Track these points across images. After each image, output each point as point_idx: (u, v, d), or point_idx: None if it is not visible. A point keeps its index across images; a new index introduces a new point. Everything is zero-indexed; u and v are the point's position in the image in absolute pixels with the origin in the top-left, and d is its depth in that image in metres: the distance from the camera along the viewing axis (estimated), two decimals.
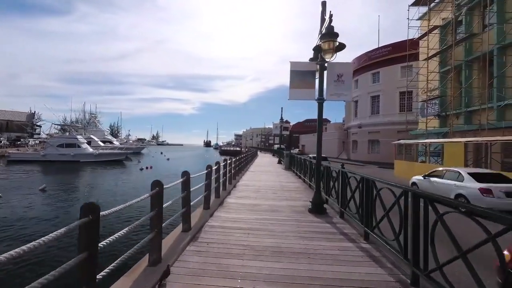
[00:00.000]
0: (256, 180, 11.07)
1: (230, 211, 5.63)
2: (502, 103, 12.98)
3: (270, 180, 11.14)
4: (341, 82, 5.78)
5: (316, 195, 5.65)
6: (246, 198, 7.10)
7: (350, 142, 37.96)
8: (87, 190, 15.01)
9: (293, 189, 8.92)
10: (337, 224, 4.83)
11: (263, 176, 12.40)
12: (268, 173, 14.17)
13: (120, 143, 52.12)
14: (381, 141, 31.60)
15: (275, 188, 8.98)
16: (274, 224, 4.74)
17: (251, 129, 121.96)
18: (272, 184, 9.92)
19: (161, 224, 3.01)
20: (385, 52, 31.89)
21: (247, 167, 16.65)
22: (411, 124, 28.84)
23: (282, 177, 12.55)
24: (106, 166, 28.94)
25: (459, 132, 16.10)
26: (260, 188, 8.73)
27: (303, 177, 10.87)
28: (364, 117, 34.50)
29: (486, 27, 15.21)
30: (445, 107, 17.68)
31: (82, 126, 50.27)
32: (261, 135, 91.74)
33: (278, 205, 6.31)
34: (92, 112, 64.79)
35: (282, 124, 21.08)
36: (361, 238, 4.06)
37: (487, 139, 11.65)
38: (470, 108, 15.38)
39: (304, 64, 5.94)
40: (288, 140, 64.57)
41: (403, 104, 30.24)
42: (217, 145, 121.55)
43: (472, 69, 15.74)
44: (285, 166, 17.19)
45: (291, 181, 10.95)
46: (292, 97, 5.94)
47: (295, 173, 13.48)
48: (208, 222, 4.73)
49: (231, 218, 5.02)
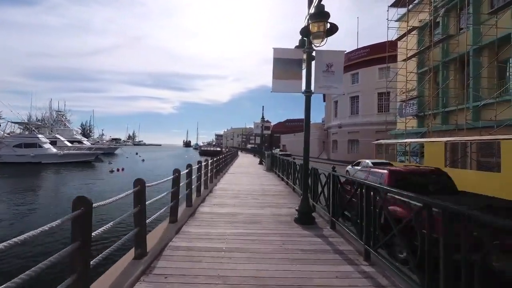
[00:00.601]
0: (236, 183, 10.18)
1: (202, 224, 4.70)
2: (479, 103, 13.17)
3: (251, 183, 10.31)
4: (330, 73, 5.07)
5: (304, 203, 4.88)
6: (223, 205, 6.19)
7: (330, 142, 38.22)
8: (33, 198, 13.15)
9: (276, 193, 8.15)
10: (330, 238, 4.08)
11: (243, 179, 11.53)
12: (249, 175, 13.32)
13: (92, 143, 48.75)
14: (360, 141, 32.01)
15: (256, 192, 8.15)
16: (255, 241, 3.89)
17: (232, 129, 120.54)
18: (253, 187, 9.09)
19: (86, 262, 2.03)
20: (363, 54, 32.36)
21: (226, 169, 15.70)
22: (389, 124, 29.49)
23: (263, 179, 11.76)
24: (73, 168, 26.50)
25: (437, 132, 16.32)
26: (239, 193, 7.86)
27: (286, 179, 10.16)
28: (344, 117, 34.83)
29: (462, 29, 15.53)
30: (423, 108, 17.92)
31: (47, 125, 46.17)
32: (242, 135, 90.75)
33: (260, 214, 5.47)
34: (60, 110, 60.11)
35: (263, 123, 20.36)
36: (360, 258, 3.33)
37: (468, 138, 11.69)
38: (447, 109, 15.61)
39: (289, 51, 5.15)
40: (269, 140, 64.21)
41: (381, 104, 30.83)
42: (197, 145, 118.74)
43: (449, 70, 16.01)
44: (266, 167, 16.45)
45: (273, 184, 10.19)
46: (275, 89, 5.13)
47: (278, 175, 12.76)
48: (173, 241, 3.77)
49: (203, 235, 4.10)
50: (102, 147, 44.21)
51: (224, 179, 11.30)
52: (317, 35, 4.32)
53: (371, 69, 31.45)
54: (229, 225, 4.62)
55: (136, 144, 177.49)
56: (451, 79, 15.61)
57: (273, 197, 7.42)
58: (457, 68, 15.30)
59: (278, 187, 9.46)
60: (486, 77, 13.40)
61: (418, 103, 18.41)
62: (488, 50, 13.43)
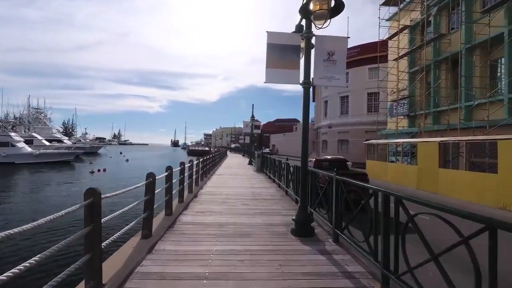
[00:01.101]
0: (224, 185, 9.42)
1: (182, 238, 3.93)
2: (472, 103, 13.00)
3: (240, 185, 9.57)
4: (332, 62, 4.43)
5: (302, 213, 4.21)
6: (208, 213, 5.44)
7: (320, 142, 37.99)
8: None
9: (267, 197, 7.46)
10: (334, 255, 3.43)
11: (231, 181, 10.77)
12: (238, 176, 12.57)
13: (73, 142, 46.45)
14: (350, 141, 31.92)
15: (246, 196, 7.43)
16: (245, 261, 3.18)
17: (221, 129, 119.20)
18: (242, 191, 8.36)
19: None
20: (353, 53, 32.25)
21: (214, 169, 14.89)
22: (380, 124, 29.52)
23: (254, 181, 11.05)
24: (50, 169, 24.81)
25: (428, 132, 16.17)
26: (227, 198, 7.11)
27: (277, 181, 9.49)
28: (334, 117, 34.66)
29: (453, 29, 15.42)
30: (414, 108, 17.78)
31: (22, 123, 43.52)
32: (231, 135, 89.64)
33: (251, 224, 4.76)
34: (39, 108, 56.99)
35: (253, 122, 19.62)
36: (376, 285, 2.69)
37: (463, 138, 11.44)
38: (439, 108, 15.45)
39: (286, 36, 4.46)
40: (259, 139, 63.54)
41: (371, 105, 30.85)
42: (185, 145, 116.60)
43: (441, 70, 15.89)
44: (256, 167, 15.76)
45: (264, 187, 9.49)
46: (269, 80, 4.43)
47: (268, 176, 12.09)
48: (142, 265, 2.98)
49: (182, 254, 3.34)
50: (83, 146, 42.09)
51: (211, 181, 10.51)
52: (320, 14, 3.65)
53: (361, 69, 31.42)
54: (214, 240, 3.88)
55: (122, 143, 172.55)
56: (443, 78, 15.47)
57: (265, 202, 6.72)
58: (449, 68, 15.19)
59: (270, 190, 8.77)
60: (478, 76, 13.27)
61: (409, 103, 18.26)
62: (481, 49, 13.31)
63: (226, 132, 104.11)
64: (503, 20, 12.04)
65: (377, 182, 15.23)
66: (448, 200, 10.08)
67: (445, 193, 11.17)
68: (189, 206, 6.00)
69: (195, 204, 6.21)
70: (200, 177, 9.63)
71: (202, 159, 10.50)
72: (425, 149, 12.97)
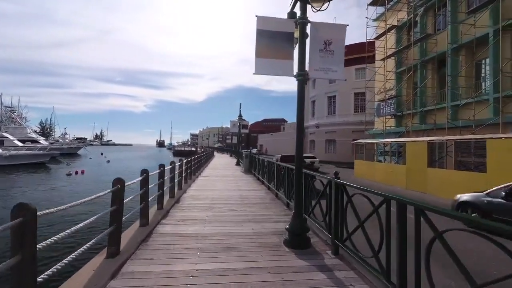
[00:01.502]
0: (209, 188, 8.81)
1: (156, 256, 3.31)
2: (459, 103, 13.09)
3: (227, 188, 8.99)
4: (329, 52, 3.97)
5: (297, 222, 3.71)
6: (191, 222, 4.84)
7: (307, 142, 37.97)
8: None
9: (257, 201, 6.94)
10: (336, 272, 2.95)
11: (218, 183, 10.16)
12: (225, 178, 11.97)
13: (50, 143, 43.94)
14: (337, 141, 32.04)
15: (234, 201, 6.87)
16: (232, 285, 2.63)
17: (208, 129, 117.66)
18: (230, 194, 7.79)
19: None
20: None
21: (200, 171, 14.21)
22: (366, 124, 29.81)
23: (241, 182, 10.50)
24: (24, 171, 23.09)
25: (415, 131, 16.26)
26: (213, 203, 6.52)
27: (267, 183, 8.99)
28: (321, 117, 34.72)
29: (439, 29, 15.57)
30: (402, 107, 17.87)
31: None
32: (218, 135, 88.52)
33: (239, 234, 4.22)
34: (12, 106, 53.58)
35: (240, 121, 19.03)
36: None
37: (451, 138, 11.43)
38: (426, 108, 15.54)
39: (278, 22, 3.94)
40: (246, 139, 62.95)
41: (358, 105, 31.09)
42: (171, 145, 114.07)
43: (427, 69, 16.01)
44: (244, 168, 15.21)
45: (253, 189, 8.97)
46: (259, 71, 3.90)
47: (257, 178, 11.59)
48: None
49: (152, 278, 2.74)
50: (60, 147, 39.83)
51: (196, 183, 9.86)
52: None
53: (348, 69, 31.53)
54: (196, 256, 3.31)
55: (104, 144, 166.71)
56: (430, 78, 15.59)
57: (254, 207, 6.19)
58: (435, 68, 15.30)
59: (259, 193, 8.26)
60: (464, 76, 13.39)
61: (396, 103, 18.35)
62: (466, 49, 13.45)
63: (213, 132, 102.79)
64: (488, 20, 12.17)
65: (364, 182, 15.12)
66: (437, 200, 9.98)
67: (434, 193, 11.11)
68: (169, 213, 5.37)
69: (177, 211, 5.58)
70: (184, 179, 8.97)
71: (186, 160, 9.84)
72: (413, 149, 12.92)
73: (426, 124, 15.35)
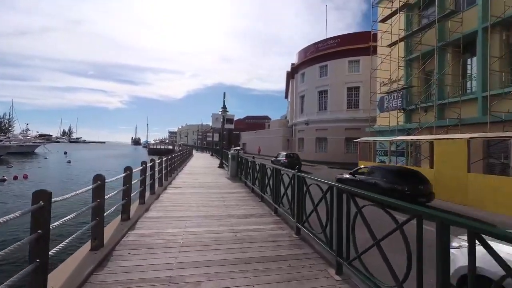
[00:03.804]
0: (182, 209, 5.45)
1: None
2: (502, 91, 10.64)
3: (209, 212, 5.59)
4: None
5: None
6: None
7: (296, 140, 35.26)
8: None
9: (262, 240, 3.67)
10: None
11: (195, 201, 6.73)
12: (205, 191, 8.49)
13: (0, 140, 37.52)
14: (329, 139, 29.61)
15: (225, 241, 3.58)
16: None
17: (187, 126, 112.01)
18: (214, 230, 4.39)
19: None
20: (333, 44, 29.96)
21: (173, 177, 10.69)
22: (358, 121, 27.61)
23: (230, 198, 7.13)
24: None
25: (428, 128, 13.91)
26: (180, 266, 3.16)
27: (274, 204, 5.68)
28: (311, 113, 32.08)
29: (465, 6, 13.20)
30: (413, 100, 15.49)
31: None
32: (198, 132, 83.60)
33: None
34: None
35: (224, 115, 15.51)
36: None
37: (505, 134, 8.91)
38: (450, 100, 13.09)
39: None
40: (228, 137, 59.22)
41: (351, 100, 28.82)
42: (146, 143, 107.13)
43: (447, 55, 13.62)
44: (230, 173, 11.88)
45: (251, 213, 5.61)
46: None
47: (250, 188, 8.32)
48: None
49: None
50: (7, 145, 33.74)
51: (161, 202, 6.40)
52: None
53: (341, 62, 29.21)
54: None
55: (73, 141, 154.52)
56: (451, 64, 13.20)
57: (263, 260, 2.95)
58: (459, 52, 12.92)
59: (263, 220, 4.99)
60: (497, 57, 11.01)
61: (405, 95, 15.96)
62: (502, 26, 11.11)
63: (192, 130, 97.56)
64: None
65: None
66: (493, 218, 7.39)
67: (480, 206, 8.57)
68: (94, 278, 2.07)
69: (111, 276, 2.29)
70: (142, 194, 5.55)
71: (150, 165, 6.40)
72: (444, 149, 10.36)
73: (448, 119, 12.90)
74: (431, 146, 14.39)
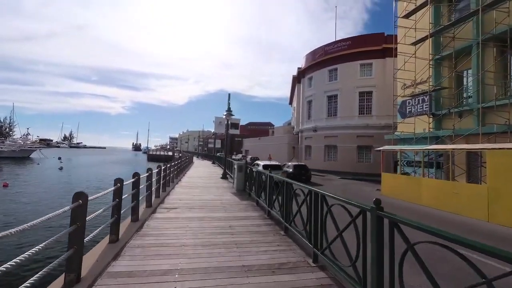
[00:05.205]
0: (171, 252, 3.48)
1: None
2: None
3: (214, 252, 3.65)
4: None
5: None
6: None
7: (302, 147, 33.27)
8: None
9: None
10: None
11: (192, 231, 4.74)
12: (207, 212, 6.52)
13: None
14: (339, 147, 27.63)
15: None
16: None
17: (188, 132, 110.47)
18: None
19: None
20: (344, 46, 28.34)
21: (167, 191, 8.74)
22: (371, 128, 25.70)
23: (241, 227, 5.13)
24: None
25: (465, 136, 11.97)
26: None
27: (296, 227, 3.72)
28: (319, 120, 30.20)
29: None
30: (443, 104, 13.61)
31: None
32: (199, 138, 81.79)
33: None
34: None
35: (228, 118, 13.57)
36: None
37: None
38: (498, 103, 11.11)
39: None
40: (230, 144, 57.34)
41: (363, 105, 26.97)
42: (147, 149, 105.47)
43: (487, 49, 11.74)
44: (236, 187, 9.92)
45: (275, 256, 3.64)
46: None
47: (264, 209, 6.33)
48: None
49: None
50: None
51: (144, 236, 4.44)
52: None
53: (352, 65, 27.51)
54: None
55: (74, 146, 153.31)
56: (496, 61, 11.33)
57: None
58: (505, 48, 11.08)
59: (302, 282, 3.05)
60: None
61: (433, 99, 14.09)
62: None
63: (193, 136, 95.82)
64: None
65: (405, 206, 10.39)
66: None
67: None
68: None
69: None
70: (114, 226, 3.63)
71: (134, 180, 4.51)
72: (502, 161, 8.39)
73: (496, 125, 10.91)
74: (468, 156, 12.45)
